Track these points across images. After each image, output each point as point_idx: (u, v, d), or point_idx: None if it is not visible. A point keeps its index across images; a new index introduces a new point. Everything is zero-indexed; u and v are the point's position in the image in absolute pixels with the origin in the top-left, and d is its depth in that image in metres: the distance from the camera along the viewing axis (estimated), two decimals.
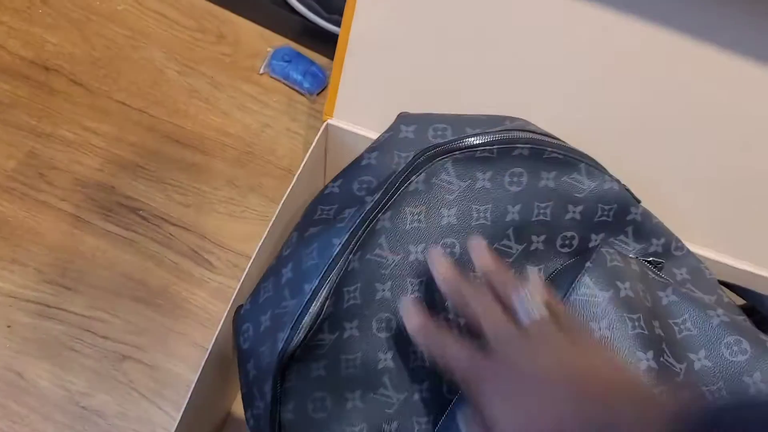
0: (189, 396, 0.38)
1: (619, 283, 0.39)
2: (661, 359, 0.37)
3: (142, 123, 0.60)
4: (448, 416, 0.39)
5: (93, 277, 0.53)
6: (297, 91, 0.63)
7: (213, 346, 0.40)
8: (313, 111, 0.62)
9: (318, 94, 0.63)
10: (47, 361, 0.50)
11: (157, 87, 0.62)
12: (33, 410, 0.48)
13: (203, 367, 0.39)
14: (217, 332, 0.40)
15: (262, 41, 0.65)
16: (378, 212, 0.38)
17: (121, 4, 0.65)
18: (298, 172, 0.44)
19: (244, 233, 0.56)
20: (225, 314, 0.41)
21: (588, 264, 0.39)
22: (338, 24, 0.49)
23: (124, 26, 0.64)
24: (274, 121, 0.62)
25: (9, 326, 0.51)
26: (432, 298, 0.39)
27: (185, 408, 0.38)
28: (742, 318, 0.41)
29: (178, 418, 0.37)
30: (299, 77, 0.62)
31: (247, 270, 0.42)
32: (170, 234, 0.56)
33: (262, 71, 0.63)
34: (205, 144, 0.60)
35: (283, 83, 0.63)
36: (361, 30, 0.44)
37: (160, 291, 0.53)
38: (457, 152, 0.40)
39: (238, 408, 0.50)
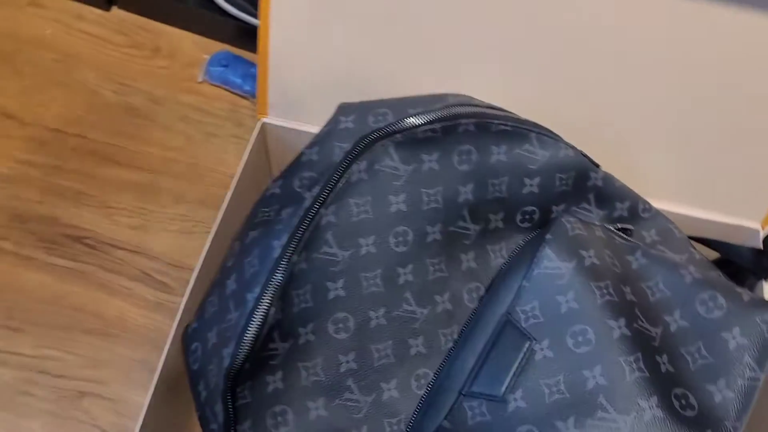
0: (140, 423, 0.36)
1: (582, 252, 0.36)
2: (635, 325, 0.35)
3: (80, 149, 0.57)
4: (419, 412, 0.37)
5: (41, 314, 0.50)
6: (239, 95, 0.60)
7: (162, 369, 0.37)
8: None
9: None
10: (0, 409, 0.47)
11: (93, 109, 0.59)
12: None
13: (153, 392, 0.36)
14: (164, 354, 0.37)
15: (198, 49, 0.63)
16: (320, 208, 0.36)
17: (49, 28, 0.63)
18: (237, 176, 0.42)
19: (198, 249, 0.53)
20: (172, 333, 0.38)
21: (548, 236, 0.37)
22: None
23: (54, 51, 0.62)
24: (218, 129, 0.59)
25: None
26: (389, 291, 0.37)
27: None
28: (715, 273, 0.39)
29: None
30: (239, 80, 0.59)
31: (191, 286, 0.39)
32: (120, 259, 0.53)
33: (200, 79, 0.61)
34: (149, 162, 0.57)
35: (224, 89, 0.61)
36: (281, 17, 0.42)
37: (116, 320, 0.51)
38: (398, 135, 0.37)
39: None
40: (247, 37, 0.62)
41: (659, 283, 0.37)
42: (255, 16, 0.60)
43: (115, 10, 0.64)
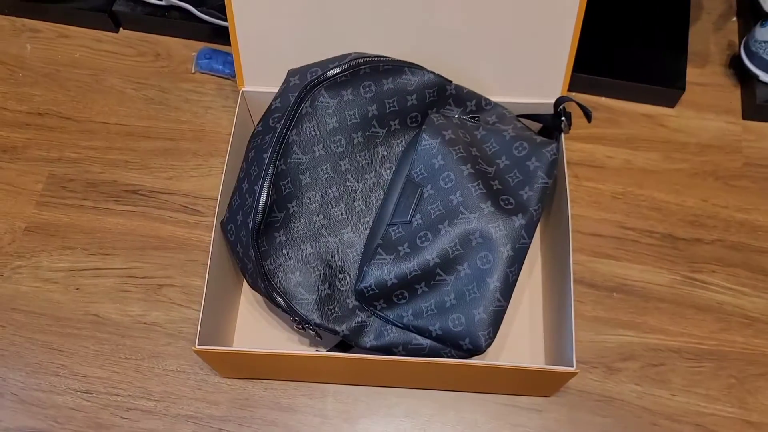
0: (207, 273, 0.60)
1: (443, 132, 0.60)
2: (477, 167, 0.59)
3: (120, 132, 0.80)
4: (366, 242, 0.62)
5: (122, 242, 0.74)
6: (222, 77, 0.83)
7: (213, 243, 0.61)
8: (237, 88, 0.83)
9: None
10: (111, 302, 0.71)
11: (123, 104, 0.82)
12: (113, 334, 0.70)
13: (212, 249, 0.60)
14: (213, 234, 0.62)
15: (187, 49, 0.85)
16: (286, 131, 0.60)
17: (78, 53, 0.85)
18: (232, 133, 0.65)
19: (214, 185, 0.77)
20: (214, 225, 0.62)
21: (424, 126, 0.61)
22: None
23: (84, 68, 0.84)
24: (212, 103, 0.82)
25: (77, 288, 0.72)
26: (336, 175, 0.61)
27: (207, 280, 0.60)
28: (527, 132, 0.63)
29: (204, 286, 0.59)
30: (221, 67, 0.82)
31: (218, 204, 0.63)
32: (165, 200, 0.77)
33: (193, 71, 0.83)
34: (169, 133, 0.80)
35: (211, 75, 0.83)
36: (242, 17, 0.65)
37: (170, 238, 0.75)
38: (325, 82, 0.61)
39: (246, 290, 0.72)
40: (220, 34, 0.84)
41: (493, 143, 0.62)
42: (218, 18, 0.82)
43: (123, 31, 0.87)
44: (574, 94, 0.81)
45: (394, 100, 0.62)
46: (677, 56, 0.80)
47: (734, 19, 0.87)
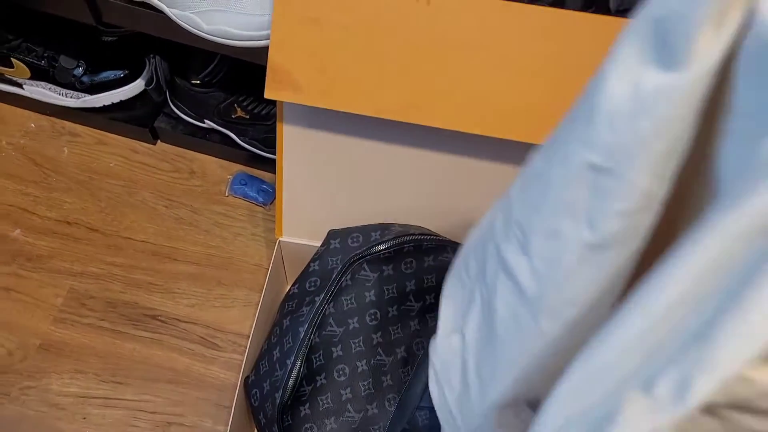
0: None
1: None
2: None
3: (146, 250, 0.79)
4: (391, 422, 0.60)
5: (135, 371, 0.72)
6: (255, 204, 0.83)
7: (237, 397, 0.59)
8: (269, 217, 0.82)
9: (270, 204, 0.83)
10: None
11: (153, 221, 0.81)
12: None
13: (233, 411, 0.59)
14: (236, 392, 0.60)
15: (222, 171, 0.85)
16: (324, 305, 0.59)
17: (113, 162, 0.84)
18: (266, 281, 0.64)
19: (236, 318, 0.76)
20: (239, 383, 0.60)
21: None
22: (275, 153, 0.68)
23: (118, 178, 0.83)
24: (242, 230, 0.81)
25: (84, 417, 0.69)
26: (368, 349, 0.60)
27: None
28: None
29: None
30: (254, 194, 0.82)
31: (247, 350, 0.61)
32: (184, 329, 0.75)
33: (227, 194, 0.83)
34: (196, 257, 0.79)
35: (244, 200, 0.83)
36: (290, 176, 0.64)
37: (185, 372, 0.73)
38: (368, 256, 0.60)
39: None
40: (257, 161, 0.84)
41: None
42: (258, 148, 0.82)
43: (160, 144, 0.86)
44: None
45: (432, 277, 0.62)
46: None
47: None
